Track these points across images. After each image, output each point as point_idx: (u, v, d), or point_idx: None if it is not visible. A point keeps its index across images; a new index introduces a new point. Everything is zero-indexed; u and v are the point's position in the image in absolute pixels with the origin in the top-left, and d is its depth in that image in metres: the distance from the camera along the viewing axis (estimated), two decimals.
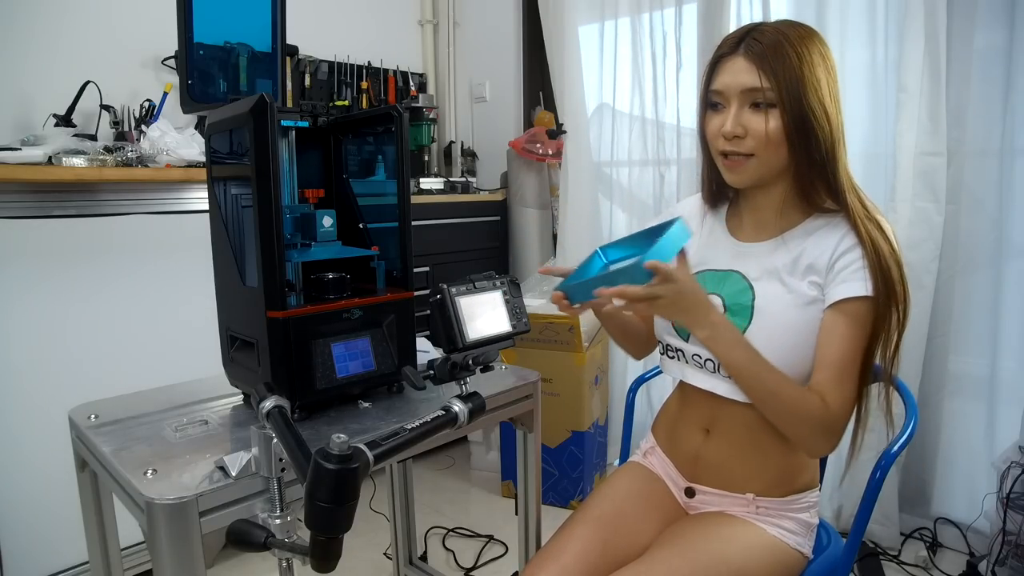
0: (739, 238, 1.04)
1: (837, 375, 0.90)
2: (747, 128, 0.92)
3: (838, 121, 0.93)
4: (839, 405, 0.90)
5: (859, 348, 0.91)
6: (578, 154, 2.51)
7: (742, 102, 0.93)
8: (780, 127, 0.90)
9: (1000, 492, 1.67)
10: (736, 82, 0.92)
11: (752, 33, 0.93)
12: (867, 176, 1.96)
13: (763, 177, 0.96)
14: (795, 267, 0.96)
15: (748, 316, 0.96)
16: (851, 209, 0.93)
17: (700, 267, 1.06)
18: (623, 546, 1.02)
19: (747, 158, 0.94)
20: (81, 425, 0.98)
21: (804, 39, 0.91)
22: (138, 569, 1.71)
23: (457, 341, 0.81)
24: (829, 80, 0.92)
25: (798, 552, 0.99)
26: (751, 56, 0.91)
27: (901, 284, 0.91)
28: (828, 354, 0.91)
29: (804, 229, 0.98)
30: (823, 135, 0.91)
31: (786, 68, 0.89)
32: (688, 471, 1.07)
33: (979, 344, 1.87)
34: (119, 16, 2.09)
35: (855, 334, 0.90)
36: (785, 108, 0.90)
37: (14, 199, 1.54)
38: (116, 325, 1.71)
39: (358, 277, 1.10)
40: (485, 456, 2.51)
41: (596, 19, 2.53)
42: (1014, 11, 1.70)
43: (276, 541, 0.73)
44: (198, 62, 1.22)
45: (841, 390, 0.90)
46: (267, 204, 0.90)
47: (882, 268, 0.89)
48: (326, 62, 2.70)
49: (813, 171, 0.93)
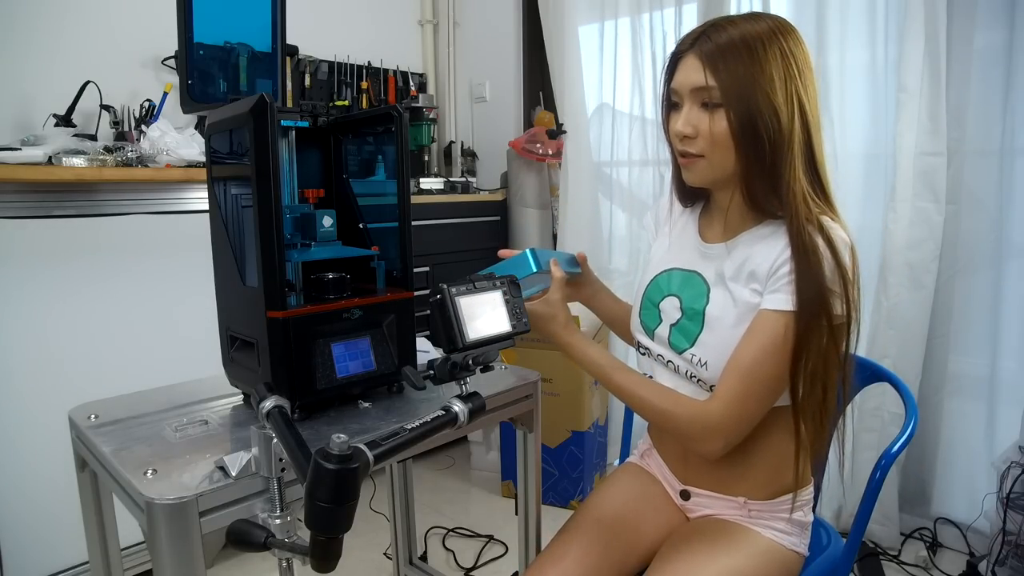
0: (705, 238, 1.02)
1: (731, 381, 0.89)
2: (697, 128, 0.90)
3: (793, 124, 0.87)
4: (721, 411, 0.88)
5: (767, 361, 0.87)
6: (578, 154, 2.51)
7: (693, 101, 0.90)
8: (726, 128, 0.87)
9: (1000, 492, 1.67)
10: (687, 81, 0.90)
11: (708, 31, 0.89)
12: (867, 176, 1.96)
13: (716, 178, 0.94)
14: (739, 273, 0.94)
15: (700, 323, 0.96)
16: (795, 218, 0.87)
17: (669, 265, 1.04)
18: (623, 550, 1.02)
19: (698, 158, 0.92)
20: (81, 425, 0.98)
21: (764, 36, 0.87)
22: (138, 569, 1.71)
23: (457, 341, 0.81)
24: (789, 80, 0.86)
25: (794, 552, 0.99)
26: (700, 54, 0.88)
27: (844, 300, 0.85)
28: (731, 360, 0.90)
29: (754, 235, 0.95)
30: (771, 138, 0.86)
31: (733, 67, 0.86)
32: (680, 472, 1.07)
33: (979, 344, 1.87)
34: (119, 16, 2.09)
35: (763, 345, 0.87)
36: (731, 109, 0.86)
37: (14, 199, 1.54)
38: (116, 325, 1.71)
39: (358, 277, 1.10)
40: (485, 456, 2.51)
41: (596, 19, 2.53)
42: (1014, 11, 1.70)
43: (276, 541, 0.73)
44: (198, 62, 1.22)
45: (730, 396, 0.88)
46: (267, 204, 0.90)
47: (814, 283, 0.84)
48: (326, 62, 2.70)
49: (761, 175, 0.89)
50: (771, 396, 0.90)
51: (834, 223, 0.89)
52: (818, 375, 0.88)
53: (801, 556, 1.00)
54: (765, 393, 0.89)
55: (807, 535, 1.02)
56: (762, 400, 0.90)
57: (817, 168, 0.90)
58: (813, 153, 0.89)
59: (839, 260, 0.85)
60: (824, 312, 0.85)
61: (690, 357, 0.96)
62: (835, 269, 0.85)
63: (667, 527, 1.06)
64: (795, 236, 0.87)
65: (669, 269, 1.04)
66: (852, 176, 1.97)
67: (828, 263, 0.85)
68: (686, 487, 1.05)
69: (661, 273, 1.05)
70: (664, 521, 1.06)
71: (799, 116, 0.87)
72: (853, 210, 1.97)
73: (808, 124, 0.88)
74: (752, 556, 0.95)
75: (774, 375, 0.88)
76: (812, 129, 0.89)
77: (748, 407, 0.89)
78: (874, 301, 1.92)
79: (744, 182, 0.91)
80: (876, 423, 1.92)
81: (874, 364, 1.25)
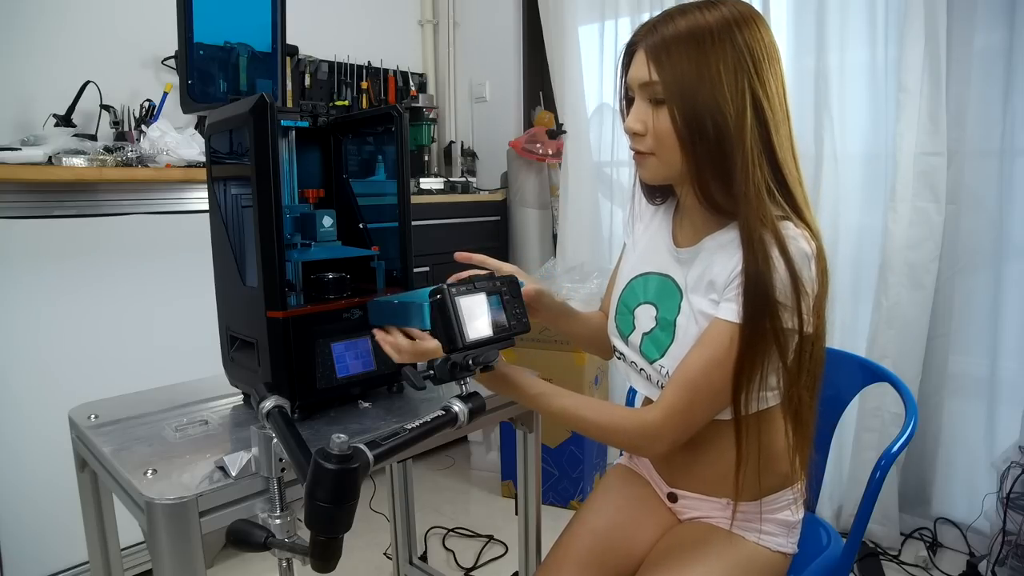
0: (677, 241, 0.98)
1: (677, 392, 0.86)
2: (646, 125, 0.86)
3: (744, 120, 0.81)
4: (663, 421, 0.86)
5: (713, 372, 0.84)
6: (578, 154, 2.51)
7: (642, 97, 0.87)
8: (670, 125, 0.83)
9: (1000, 492, 1.67)
10: (635, 76, 0.86)
11: (658, 22, 0.85)
12: (867, 176, 1.96)
13: (669, 176, 0.89)
14: (699, 283, 0.90)
15: (672, 333, 0.93)
16: (746, 221, 0.82)
17: (645, 269, 1.00)
18: (620, 555, 1.02)
19: (649, 155, 0.88)
20: (81, 425, 0.98)
21: (714, 27, 0.82)
22: (138, 569, 1.71)
23: (457, 341, 0.81)
24: (740, 73, 0.81)
25: (780, 553, 0.98)
26: (646, 48, 0.84)
27: (796, 314, 0.81)
28: (680, 368, 0.87)
29: (717, 240, 0.90)
30: (719, 135, 0.81)
31: (677, 61, 0.81)
32: (665, 474, 1.06)
33: (979, 344, 1.87)
34: (119, 16, 2.09)
35: (712, 356, 0.84)
36: (674, 105, 0.82)
37: (14, 199, 1.54)
38: (116, 325, 1.71)
39: (358, 277, 1.10)
40: (485, 456, 2.51)
41: (596, 19, 2.53)
42: (1014, 11, 1.70)
43: (276, 541, 0.73)
44: (198, 62, 1.22)
45: (673, 408, 0.86)
46: (267, 204, 0.90)
47: (762, 295, 0.80)
48: (326, 62, 2.70)
49: (714, 174, 0.84)
50: (717, 405, 0.88)
51: (797, 229, 0.83)
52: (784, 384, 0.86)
53: (787, 556, 0.99)
54: (710, 403, 0.87)
55: (795, 533, 1.00)
56: (708, 410, 0.88)
57: (780, 167, 0.84)
58: (774, 151, 0.83)
59: (793, 271, 0.80)
60: (772, 325, 0.81)
61: (659, 368, 0.94)
62: (788, 282, 0.80)
63: (660, 530, 1.05)
64: (745, 242, 0.82)
65: (646, 273, 1.00)
66: (852, 176, 1.96)
67: (780, 274, 0.80)
68: (672, 489, 1.05)
69: (637, 277, 1.01)
70: (656, 524, 1.05)
71: (752, 112, 0.82)
72: (853, 210, 1.98)
73: (765, 120, 0.82)
74: (732, 566, 0.94)
75: (720, 387, 0.85)
76: (771, 125, 0.83)
77: (692, 417, 0.87)
78: (874, 301, 1.92)
79: (695, 182, 0.86)
80: (876, 423, 1.92)
81: (874, 364, 1.25)
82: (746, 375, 0.83)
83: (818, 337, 0.87)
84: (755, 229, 0.81)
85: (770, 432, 0.93)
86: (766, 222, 0.82)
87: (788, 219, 0.84)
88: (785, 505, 0.98)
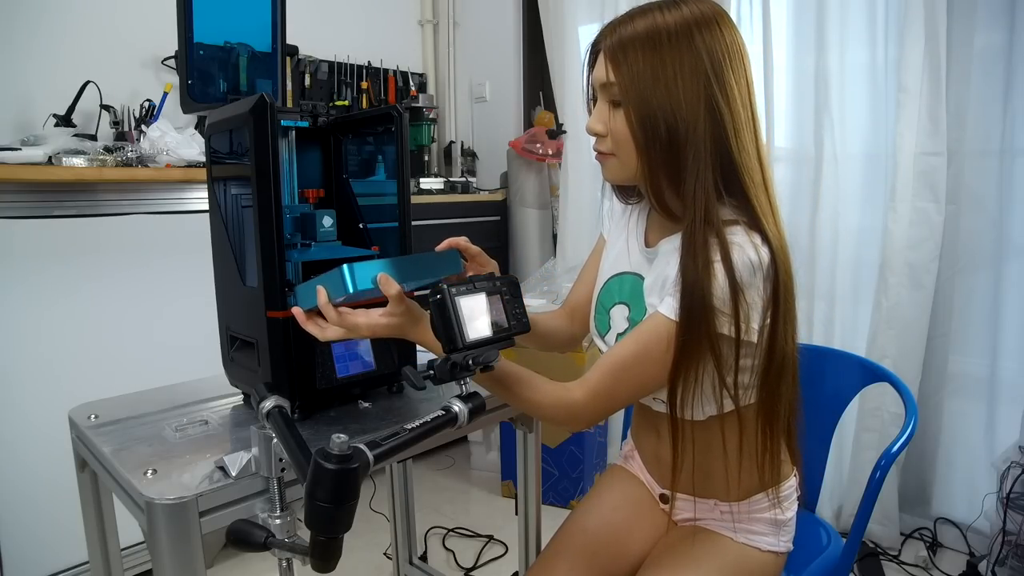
0: (648, 241, 0.98)
1: (603, 375, 0.86)
2: (606, 125, 0.87)
3: (698, 123, 0.80)
4: (586, 402, 0.85)
5: (644, 361, 0.84)
6: (578, 154, 2.51)
7: (603, 98, 0.87)
8: (626, 127, 0.84)
9: (1000, 492, 1.67)
10: (596, 76, 0.87)
11: (619, 23, 0.85)
12: (867, 176, 1.96)
13: (629, 177, 0.89)
14: (655, 283, 0.91)
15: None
16: (690, 225, 0.81)
17: (622, 268, 1.00)
18: (612, 555, 1.02)
19: (610, 156, 0.88)
20: (81, 425, 0.98)
21: (673, 28, 0.81)
22: (138, 569, 1.71)
23: (457, 341, 0.81)
24: (697, 76, 0.80)
25: (771, 553, 0.97)
26: (605, 49, 0.84)
27: (734, 322, 0.80)
28: (611, 352, 0.87)
29: (673, 243, 0.89)
30: (671, 139, 0.81)
31: (633, 63, 0.81)
32: (656, 474, 1.06)
33: (979, 344, 1.87)
34: (119, 16, 2.09)
35: (645, 345, 0.84)
36: (630, 106, 0.82)
37: (14, 199, 1.54)
38: (116, 325, 1.71)
39: None
40: (485, 456, 2.51)
41: (596, 19, 2.53)
42: (1014, 11, 1.70)
43: (276, 541, 0.73)
44: (198, 62, 1.22)
45: (597, 390, 0.85)
46: (267, 204, 0.90)
47: (699, 300, 0.79)
48: (326, 62, 2.70)
49: (667, 177, 0.84)
50: (641, 393, 0.90)
51: (746, 236, 0.81)
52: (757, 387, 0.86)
53: (780, 554, 0.99)
54: (634, 391, 0.88)
55: (787, 531, 0.99)
56: (631, 396, 0.90)
57: (738, 171, 0.83)
58: (731, 155, 0.82)
59: (733, 279, 0.78)
60: (706, 331, 0.80)
61: None
62: (727, 289, 0.79)
63: (653, 531, 1.05)
64: (686, 246, 0.81)
65: (621, 273, 1.00)
66: (852, 176, 1.96)
67: (719, 281, 0.79)
68: (665, 491, 1.05)
69: (613, 277, 1.01)
70: (649, 525, 1.05)
71: (708, 115, 0.81)
72: (853, 210, 1.98)
73: (723, 123, 0.81)
74: (721, 568, 0.95)
75: (648, 376, 0.85)
76: (729, 129, 0.81)
77: (613, 403, 0.87)
78: (874, 301, 1.92)
79: (649, 184, 0.86)
80: (876, 423, 1.92)
81: (874, 364, 1.25)
82: (680, 377, 0.83)
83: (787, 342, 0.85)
84: (698, 233, 0.81)
85: (747, 434, 0.91)
86: (711, 227, 0.81)
87: (738, 224, 0.83)
88: (770, 505, 0.97)
